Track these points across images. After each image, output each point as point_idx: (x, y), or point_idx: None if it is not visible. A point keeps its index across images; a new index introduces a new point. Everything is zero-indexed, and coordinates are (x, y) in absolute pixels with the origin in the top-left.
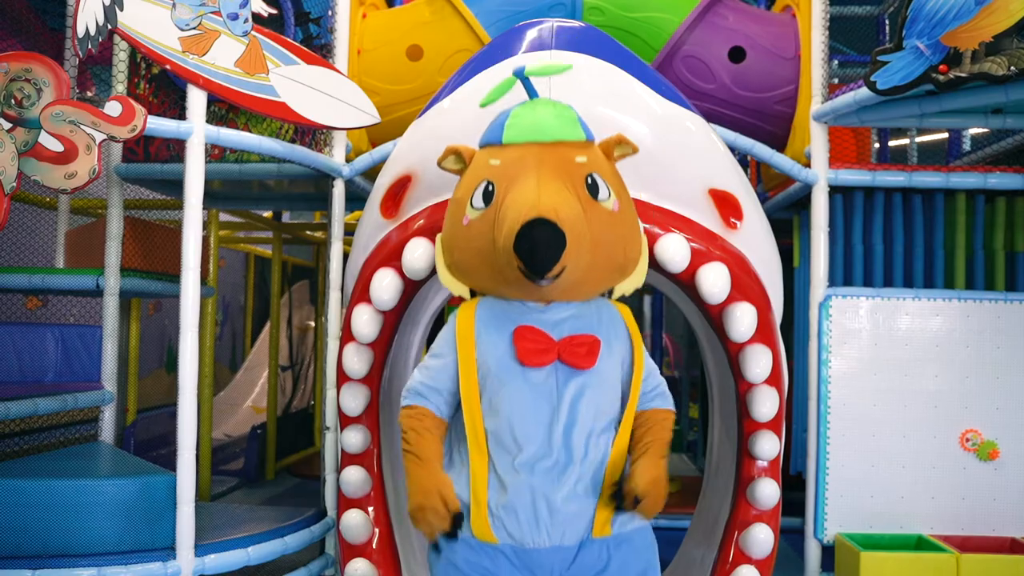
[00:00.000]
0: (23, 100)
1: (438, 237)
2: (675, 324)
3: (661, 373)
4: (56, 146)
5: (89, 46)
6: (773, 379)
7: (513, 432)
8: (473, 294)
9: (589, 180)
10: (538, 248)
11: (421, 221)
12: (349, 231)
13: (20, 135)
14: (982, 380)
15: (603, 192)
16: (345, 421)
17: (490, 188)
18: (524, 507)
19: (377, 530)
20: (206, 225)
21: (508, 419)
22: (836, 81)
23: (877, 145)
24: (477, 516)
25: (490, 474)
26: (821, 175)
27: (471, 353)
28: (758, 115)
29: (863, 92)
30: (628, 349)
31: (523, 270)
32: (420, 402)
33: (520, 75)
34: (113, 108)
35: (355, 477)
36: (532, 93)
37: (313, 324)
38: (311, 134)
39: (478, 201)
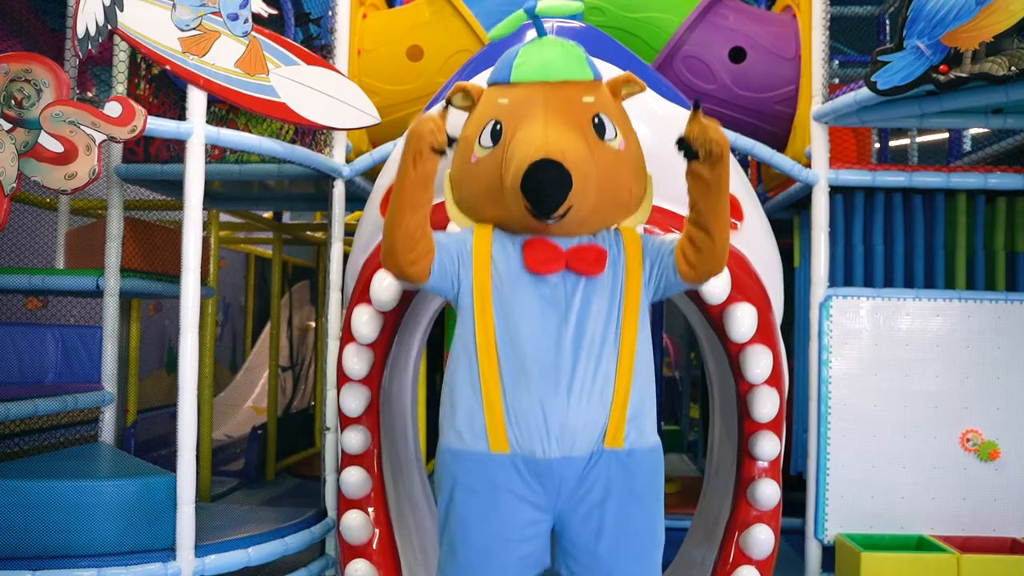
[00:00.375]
0: (23, 101)
1: (446, 174)
2: (675, 324)
3: (661, 373)
4: (56, 147)
5: (89, 47)
6: (773, 379)
7: (523, 343)
8: None
9: (596, 120)
10: (545, 188)
11: None
12: (349, 231)
13: (20, 136)
14: (983, 380)
15: (609, 132)
16: (345, 422)
17: (498, 127)
18: (534, 417)
19: (377, 531)
20: (206, 226)
21: (517, 329)
22: (836, 81)
23: (877, 145)
24: (492, 424)
25: (502, 384)
26: (821, 175)
27: (486, 263)
28: (758, 115)
29: (863, 92)
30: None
31: (530, 209)
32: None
33: (530, 12)
34: (113, 109)
35: (355, 478)
36: (541, 31)
37: (313, 324)
38: (311, 134)
39: (486, 140)
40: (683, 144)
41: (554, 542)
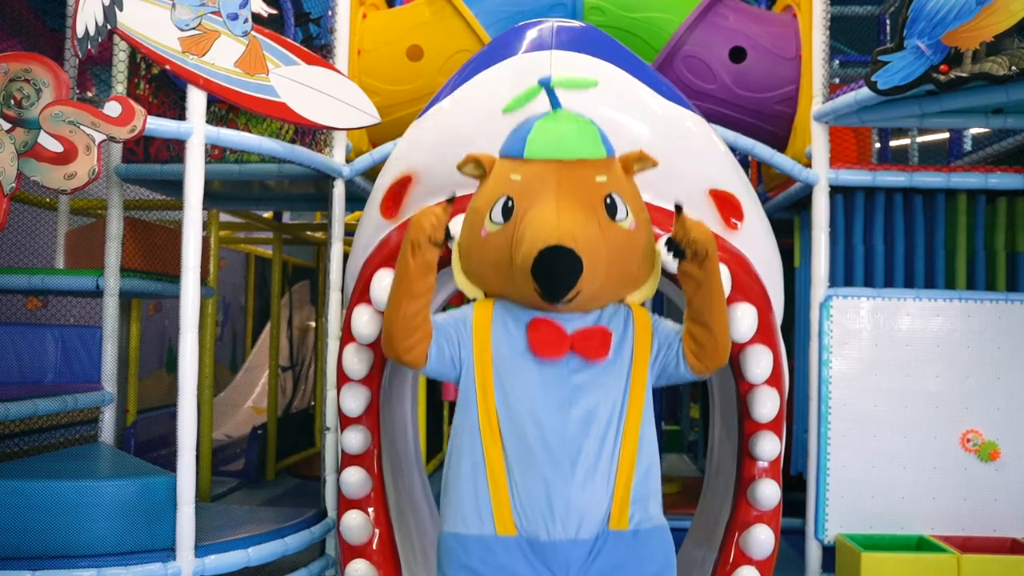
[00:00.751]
0: (23, 100)
1: (455, 242)
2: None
3: None
4: (56, 146)
5: (89, 46)
6: (774, 380)
7: (526, 424)
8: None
9: (608, 200)
10: (556, 275)
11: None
12: (349, 231)
13: (20, 135)
14: (983, 380)
15: (621, 212)
16: (345, 422)
17: (510, 204)
18: (538, 499)
19: (377, 531)
20: (206, 225)
21: (520, 410)
22: (837, 81)
23: (878, 145)
24: (498, 506)
25: (505, 466)
26: (822, 175)
27: (486, 344)
28: (759, 115)
29: (864, 92)
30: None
31: (539, 293)
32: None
33: (545, 85)
34: (113, 108)
35: (355, 478)
36: (555, 104)
37: (313, 324)
38: (311, 134)
39: (497, 215)
40: (671, 245)
41: None
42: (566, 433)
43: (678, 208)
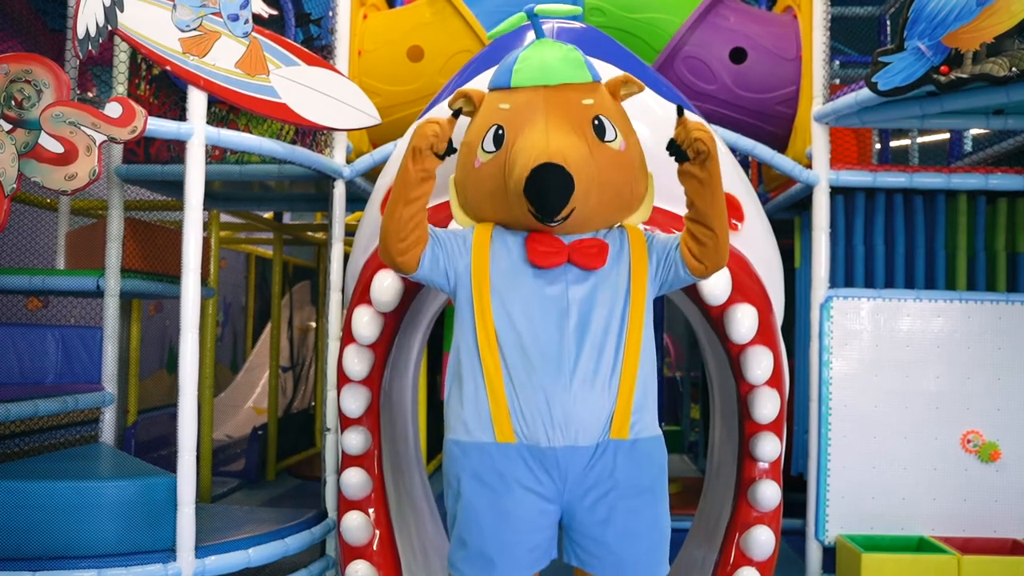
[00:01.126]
0: (23, 101)
1: (451, 178)
2: (676, 325)
3: (662, 373)
4: (56, 147)
5: (89, 47)
6: (774, 380)
7: (524, 334)
8: None
9: (596, 122)
10: (548, 192)
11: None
12: (350, 232)
13: (20, 136)
14: (983, 381)
15: (610, 133)
16: (345, 422)
17: (500, 132)
18: (538, 407)
19: (378, 532)
20: (207, 226)
21: (519, 321)
22: (837, 82)
23: (878, 146)
24: (498, 414)
25: (504, 375)
26: (822, 176)
27: (485, 258)
28: (759, 116)
29: (864, 93)
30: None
31: (533, 213)
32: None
33: (530, 13)
34: (113, 109)
35: (355, 479)
36: (540, 33)
37: (314, 325)
38: (312, 135)
39: (489, 145)
40: (672, 147)
41: (561, 533)
42: (564, 343)
43: (679, 109)
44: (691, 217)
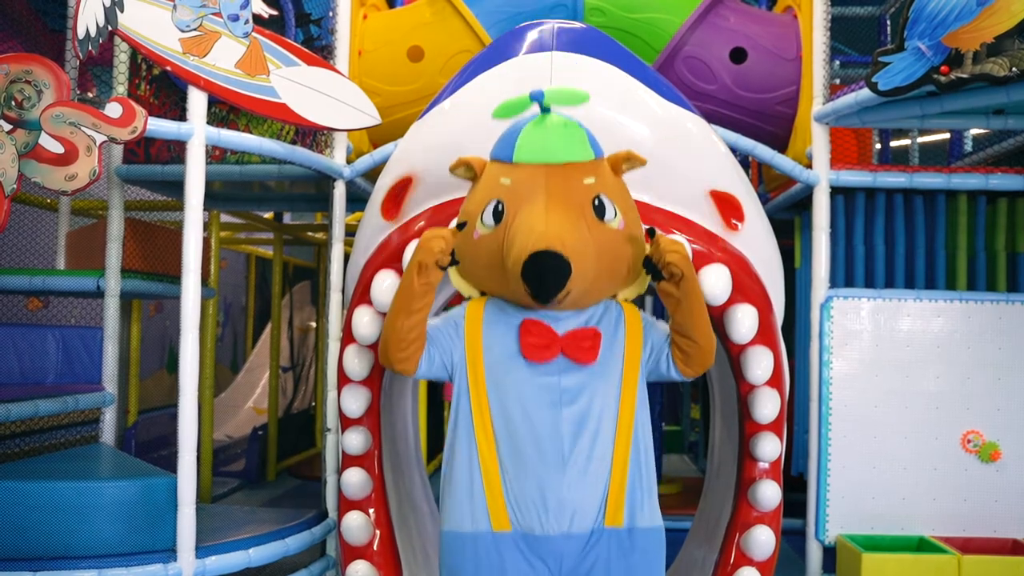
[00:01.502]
0: (23, 102)
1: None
2: None
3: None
4: (56, 148)
5: (89, 47)
6: (774, 380)
7: (518, 423)
8: (482, 293)
9: (596, 202)
10: (545, 278)
11: (422, 223)
12: (350, 232)
13: (20, 137)
14: (983, 381)
15: (609, 213)
16: (346, 423)
17: (500, 208)
18: (532, 495)
19: (378, 532)
20: (207, 226)
21: (513, 410)
22: (837, 82)
23: (878, 146)
24: (493, 503)
25: (499, 463)
26: (822, 176)
27: (478, 344)
28: (759, 116)
29: (864, 93)
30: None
31: (530, 295)
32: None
33: (538, 100)
34: (113, 110)
35: (356, 479)
36: (544, 109)
37: (314, 325)
38: (312, 135)
39: (488, 219)
40: (648, 265)
41: None
42: (558, 433)
43: (650, 231)
44: (674, 328)
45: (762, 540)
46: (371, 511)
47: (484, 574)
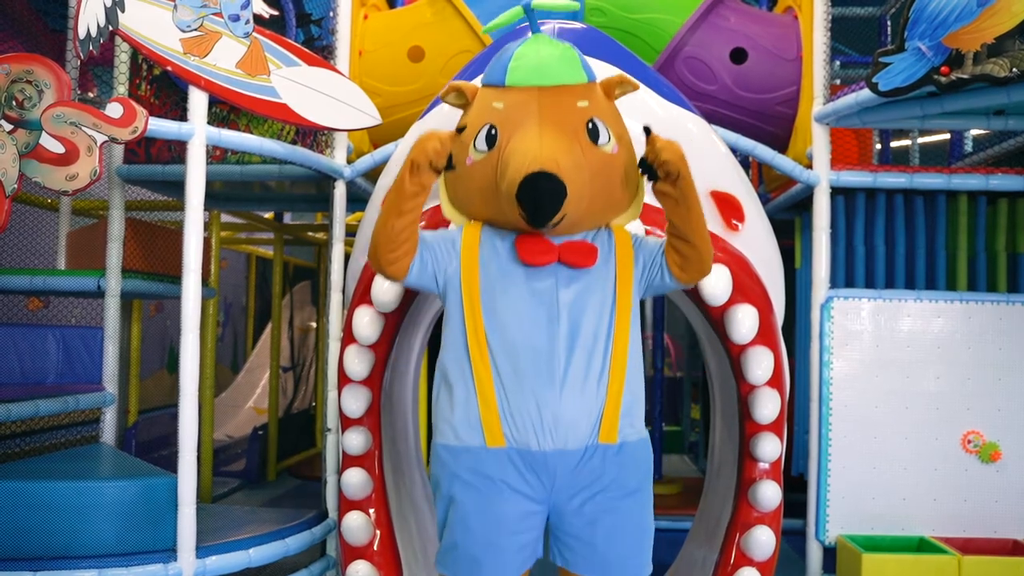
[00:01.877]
0: (24, 101)
1: (442, 174)
2: (676, 325)
3: (663, 373)
4: (57, 148)
5: (90, 47)
6: (774, 381)
7: (514, 338)
8: None
9: (590, 125)
10: (541, 199)
11: (423, 223)
12: (351, 232)
13: (21, 137)
14: (984, 381)
15: (603, 136)
16: (346, 423)
17: (493, 132)
18: (528, 411)
19: (378, 532)
20: (207, 226)
21: (509, 325)
22: (838, 82)
23: (879, 146)
24: (488, 419)
25: (495, 379)
26: (823, 176)
27: (474, 260)
28: (760, 116)
29: (865, 93)
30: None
31: (525, 218)
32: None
33: (527, 7)
34: (114, 110)
35: (356, 479)
36: (535, 28)
37: (315, 325)
38: (312, 135)
39: (481, 144)
40: (643, 165)
41: (547, 532)
42: (554, 348)
43: (646, 129)
44: (670, 231)
45: (762, 540)
46: (371, 511)
47: (475, 487)
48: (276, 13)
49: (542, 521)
